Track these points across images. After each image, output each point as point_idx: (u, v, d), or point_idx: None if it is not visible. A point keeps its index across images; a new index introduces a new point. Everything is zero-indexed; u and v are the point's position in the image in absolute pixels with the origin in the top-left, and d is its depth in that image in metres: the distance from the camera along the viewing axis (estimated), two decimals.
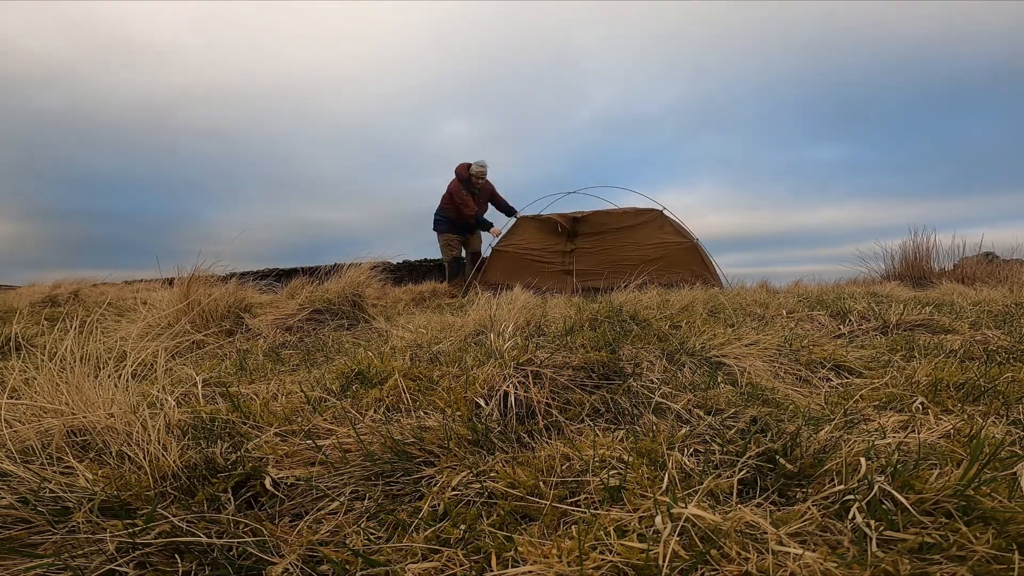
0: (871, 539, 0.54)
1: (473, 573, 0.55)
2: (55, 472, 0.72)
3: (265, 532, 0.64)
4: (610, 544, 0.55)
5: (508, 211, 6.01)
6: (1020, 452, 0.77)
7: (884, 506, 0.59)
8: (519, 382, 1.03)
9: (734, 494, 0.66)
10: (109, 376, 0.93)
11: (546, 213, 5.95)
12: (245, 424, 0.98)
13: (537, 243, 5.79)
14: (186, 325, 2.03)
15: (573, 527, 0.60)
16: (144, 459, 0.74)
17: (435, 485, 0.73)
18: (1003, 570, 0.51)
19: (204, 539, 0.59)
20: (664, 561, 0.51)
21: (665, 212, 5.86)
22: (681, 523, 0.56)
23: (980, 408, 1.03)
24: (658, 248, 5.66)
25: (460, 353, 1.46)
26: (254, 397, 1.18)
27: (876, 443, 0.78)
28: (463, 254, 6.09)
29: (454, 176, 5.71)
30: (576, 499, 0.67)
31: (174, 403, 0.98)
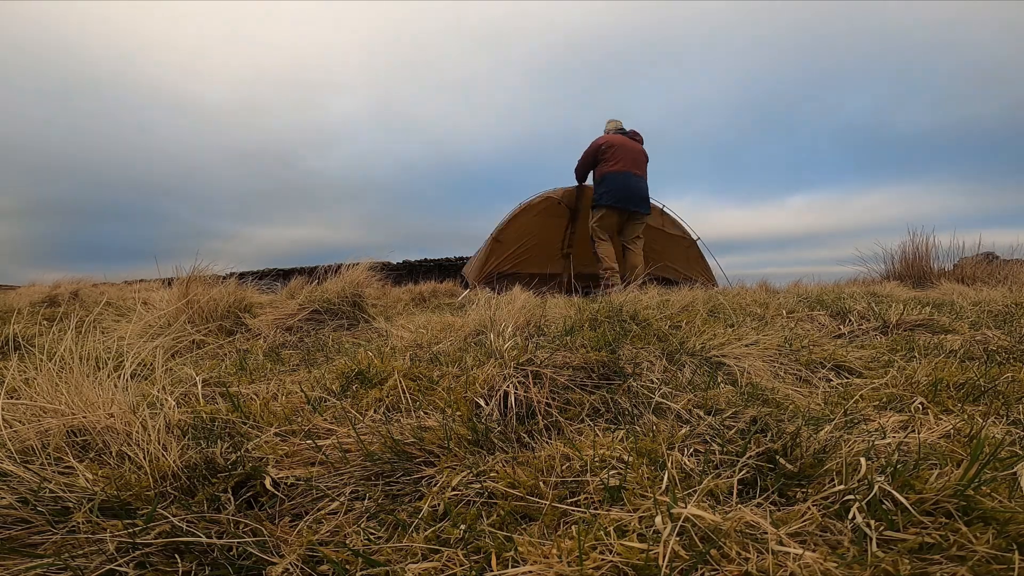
0: (871, 539, 0.54)
1: (473, 573, 0.55)
2: (55, 472, 0.72)
3: (265, 532, 0.64)
4: (610, 544, 0.55)
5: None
6: (1020, 452, 0.77)
7: (884, 506, 0.59)
8: (519, 382, 1.03)
9: (734, 494, 0.66)
10: (108, 376, 0.93)
11: (545, 192, 5.87)
12: (245, 424, 0.98)
13: (537, 227, 5.68)
14: (185, 325, 2.03)
15: (573, 527, 0.60)
16: (144, 459, 0.74)
17: (435, 485, 0.73)
18: (1003, 570, 0.51)
19: (204, 539, 0.59)
20: (664, 561, 0.51)
21: (665, 209, 5.84)
22: (681, 523, 0.56)
23: (980, 408, 1.03)
24: (659, 240, 5.60)
25: (460, 353, 1.46)
26: (254, 397, 1.17)
27: (876, 443, 0.78)
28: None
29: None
30: (576, 499, 0.67)
31: (174, 403, 0.98)
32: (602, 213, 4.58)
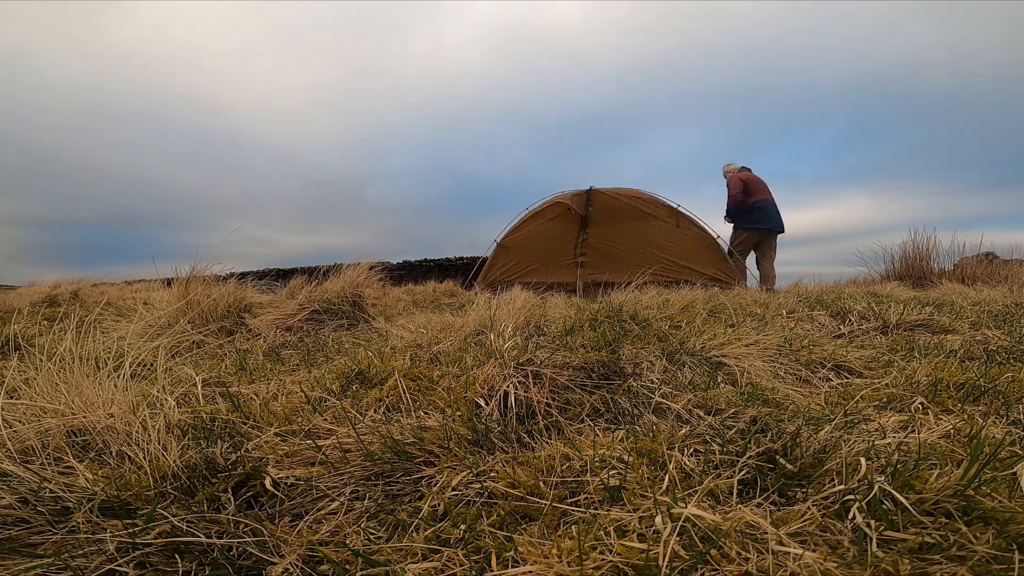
0: (871, 539, 0.54)
1: (473, 573, 0.55)
2: (55, 472, 0.72)
3: (265, 532, 0.64)
4: (610, 544, 0.55)
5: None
6: (1020, 452, 0.77)
7: (884, 506, 0.59)
8: (519, 382, 1.03)
9: (734, 494, 0.66)
10: (108, 376, 0.93)
11: (554, 197, 5.66)
12: (245, 424, 0.97)
13: (545, 234, 5.48)
14: (186, 325, 2.03)
15: (573, 527, 0.60)
16: (144, 459, 0.74)
17: (435, 485, 0.73)
18: (1003, 570, 0.51)
19: (204, 539, 0.59)
20: (664, 561, 0.51)
21: (680, 208, 5.71)
22: (681, 523, 0.56)
23: (980, 408, 1.03)
24: (676, 241, 5.44)
25: (460, 353, 1.46)
26: (254, 397, 1.17)
27: (876, 443, 0.78)
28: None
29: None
30: (576, 499, 0.67)
31: (174, 403, 0.98)
32: (747, 235, 5.56)
